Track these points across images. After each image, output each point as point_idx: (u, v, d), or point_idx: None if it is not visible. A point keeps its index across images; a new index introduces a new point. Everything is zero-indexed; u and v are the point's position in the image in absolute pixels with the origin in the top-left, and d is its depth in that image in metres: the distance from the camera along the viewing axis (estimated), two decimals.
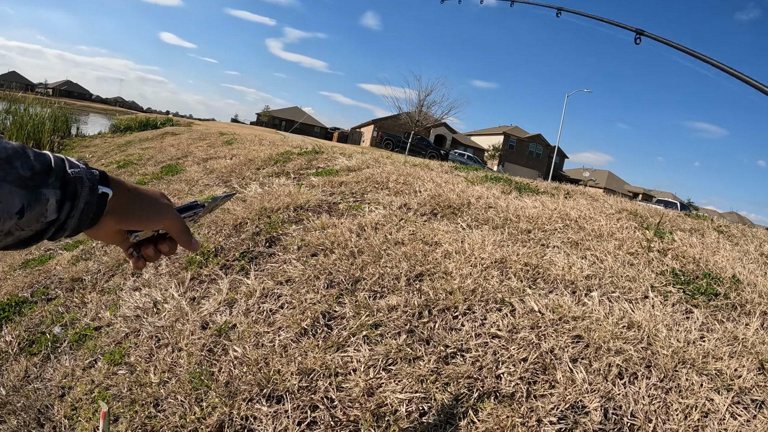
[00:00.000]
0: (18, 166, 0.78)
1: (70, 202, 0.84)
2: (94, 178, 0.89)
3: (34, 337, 2.78)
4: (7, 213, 0.75)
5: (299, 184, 4.40)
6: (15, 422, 2.12)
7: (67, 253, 3.92)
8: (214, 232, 3.45)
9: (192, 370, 2.11)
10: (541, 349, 1.99)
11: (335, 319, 2.32)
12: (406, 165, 5.54)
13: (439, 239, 2.97)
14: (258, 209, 3.68)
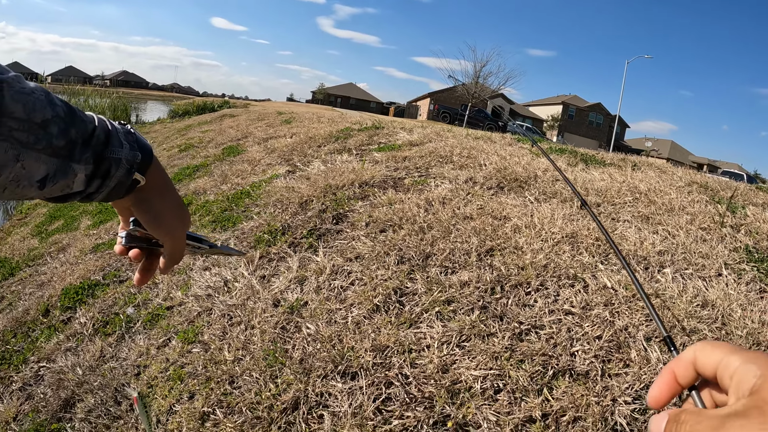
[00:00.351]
0: (53, 132, 0.73)
1: (101, 180, 0.80)
2: (134, 161, 0.84)
3: (108, 318, 2.85)
4: (27, 180, 0.71)
5: (362, 160, 4.39)
6: (92, 400, 2.17)
7: None
8: (280, 211, 3.46)
9: (266, 348, 2.12)
10: (615, 327, 1.93)
11: (407, 295, 2.30)
12: (468, 138, 5.46)
13: (508, 213, 2.91)
14: (323, 186, 3.68)
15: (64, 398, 2.26)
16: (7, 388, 2.62)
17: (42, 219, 6.50)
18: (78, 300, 3.19)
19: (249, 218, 3.52)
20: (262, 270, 2.81)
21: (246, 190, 4.23)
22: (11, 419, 2.35)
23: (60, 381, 2.40)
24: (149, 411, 1.53)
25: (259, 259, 2.93)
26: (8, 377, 2.70)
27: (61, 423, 2.15)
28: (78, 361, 2.52)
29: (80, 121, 0.78)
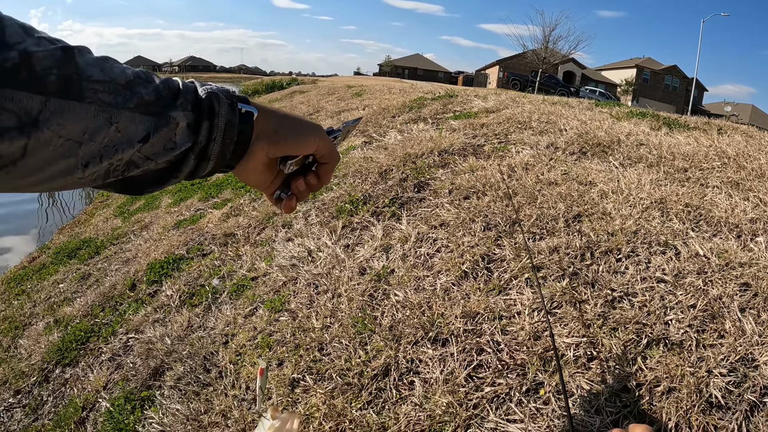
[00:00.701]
0: (141, 91, 0.66)
1: (209, 122, 0.73)
2: (231, 95, 0.77)
3: (193, 290, 2.88)
4: (127, 143, 0.64)
5: (439, 129, 4.31)
6: (182, 369, 2.19)
7: (216, 211, 4.05)
8: (359, 181, 3.42)
9: (354, 315, 2.09)
10: (708, 296, 1.80)
11: (495, 261, 2.23)
12: (545, 103, 5.34)
13: (593, 179, 2.80)
14: (401, 156, 3.62)
15: (153, 367, 2.29)
16: (96, 359, 2.68)
17: (123, 200, 6.68)
18: (163, 274, 3.24)
19: (328, 189, 3.49)
20: (346, 239, 2.78)
21: None
22: (101, 388, 2.40)
23: (149, 351, 2.43)
24: (264, 383, 1.51)
25: (342, 228, 2.90)
26: (97, 348, 2.76)
27: (151, 390, 2.17)
28: (166, 332, 2.55)
29: (164, 79, 0.72)
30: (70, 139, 0.57)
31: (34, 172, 0.55)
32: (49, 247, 5.92)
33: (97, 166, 0.62)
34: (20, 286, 4.73)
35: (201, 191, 4.99)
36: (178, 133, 0.70)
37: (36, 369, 2.86)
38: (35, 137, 0.53)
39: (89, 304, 3.34)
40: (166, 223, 4.42)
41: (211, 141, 0.73)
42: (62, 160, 0.57)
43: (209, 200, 4.58)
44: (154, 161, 0.69)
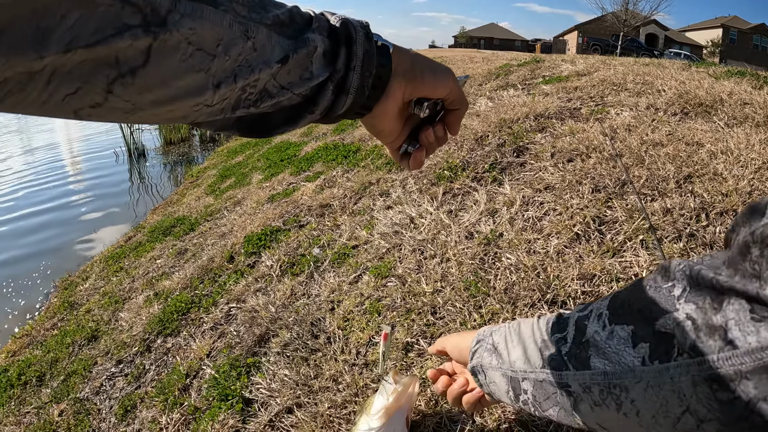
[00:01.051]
0: (274, 10, 0.60)
1: (346, 49, 0.66)
2: (365, 25, 0.69)
3: (294, 259, 2.87)
4: (264, 62, 0.57)
5: (532, 94, 4.18)
6: (288, 335, 2.17)
7: (310, 184, 4.05)
8: (455, 148, 3.34)
9: (465, 279, 2.02)
10: None
11: (607, 223, 2.12)
12: (637, 65, 5.12)
13: (700, 139, 2.65)
14: (496, 121, 3.52)
15: (258, 334, 2.29)
16: (198, 328, 2.71)
17: (213, 179, 6.82)
18: (261, 245, 3.25)
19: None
20: (448, 205, 2.71)
21: None
22: (204, 356, 2.42)
23: (252, 319, 2.43)
24: (387, 348, 1.47)
25: (443, 195, 2.83)
26: (198, 318, 2.80)
27: (257, 357, 2.17)
28: (269, 300, 2.55)
29: (294, 6, 0.65)
30: (202, 49, 0.50)
31: (156, 86, 0.48)
32: (143, 227, 6.12)
33: (230, 87, 0.55)
34: (118, 264, 4.89)
35: (291, 166, 5.01)
36: (315, 61, 0.63)
37: (137, 340, 2.93)
38: (161, 39, 0.45)
39: (188, 277, 3.40)
40: (259, 197, 4.46)
41: (350, 70, 0.66)
42: (191, 73, 0.50)
43: (301, 174, 4.59)
44: (290, 92, 0.63)
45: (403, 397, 1.33)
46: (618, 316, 0.72)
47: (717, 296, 0.59)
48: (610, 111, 3.36)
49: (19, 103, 0.41)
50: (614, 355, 0.70)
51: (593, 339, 0.74)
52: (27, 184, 11.63)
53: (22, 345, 3.99)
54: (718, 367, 0.54)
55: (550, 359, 0.83)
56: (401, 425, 1.34)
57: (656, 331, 0.64)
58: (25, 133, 22.95)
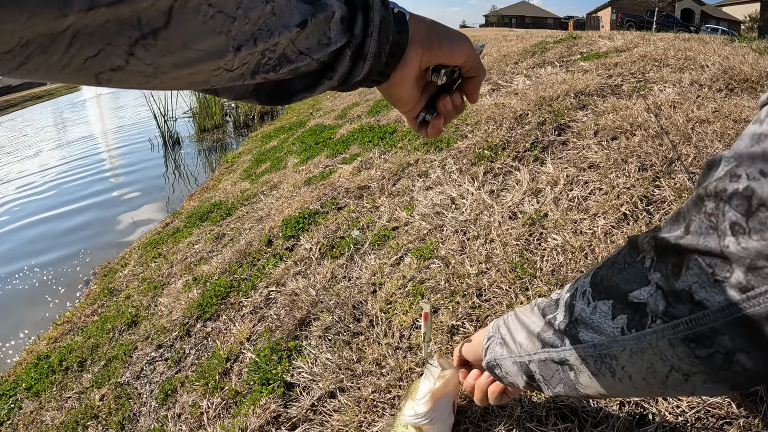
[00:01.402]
0: None
1: (363, 15, 0.66)
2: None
3: (333, 242, 2.85)
4: (284, 26, 0.57)
5: (570, 71, 4.08)
6: (330, 318, 2.16)
7: (347, 166, 4.02)
8: (494, 127, 3.27)
9: (511, 260, 1.98)
10: None
11: (655, 203, 2.05)
12: (677, 40, 4.97)
13: (747, 116, 2.56)
14: (535, 99, 3.44)
15: (299, 318, 2.27)
16: (237, 312, 2.71)
17: (248, 164, 6.83)
18: (300, 228, 3.24)
19: (462, 138, 3.37)
20: (489, 185, 2.66)
21: None
22: (245, 339, 2.42)
23: (293, 302, 2.42)
24: (429, 329, 1.44)
25: (484, 175, 2.78)
26: (238, 302, 2.79)
27: (297, 341, 2.16)
28: (309, 283, 2.53)
29: None
30: (222, 11, 0.49)
31: (177, 48, 0.48)
32: (180, 213, 6.16)
33: (250, 51, 0.55)
34: (156, 250, 4.93)
35: (327, 149, 4.99)
36: (333, 26, 0.64)
37: (177, 324, 2.94)
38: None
39: (226, 261, 3.40)
40: (296, 181, 4.44)
41: (367, 36, 0.67)
42: (212, 35, 0.50)
43: (337, 156, 4.56)
44: (309, 57, 0.63)
45: (451, 383, 1.30)
46: (599, 291, 0.76)
47: (679, 260, 0.61)
48: (653, 87, 3.27)
49: (41, 66, 0.40)
50: (598, 327, 0.74)
51: (580, 316, 0.79)
52: (64, 176, 11.85)
53: (63, 331, 4.05)
54: (692, 327, 0.59)
55: (548, 339, 0.88)
56: (448, 410, 1.31)
57: (630, 302, 0.68)
58: (61, 126, 23.37)
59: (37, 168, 13.51)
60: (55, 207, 9.28)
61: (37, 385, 3.17)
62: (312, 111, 8.95)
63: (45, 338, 4.16)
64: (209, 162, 10.72)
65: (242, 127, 13.36)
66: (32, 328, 5.17)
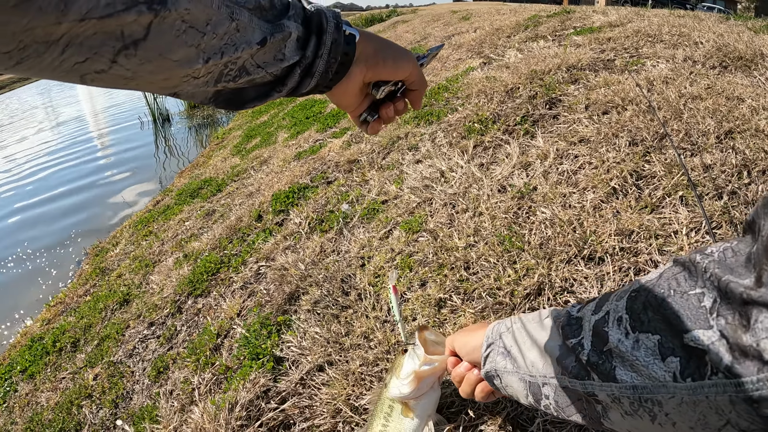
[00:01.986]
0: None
1: (316, 38, 0.73)
2: (337, 15, 0.76)
3: (322, 216, 2.84)
4: (246, 42, 0.63)
5: (563, 45, 4.06)
6: (318, 292, 2.16)
7: (336, 140, 4.00)
8: (485, 101, 3.26)
9: (499, 233, 1.98)
10: None
11: (645, 178, 2.05)
12: (672, 16, 4.94)
13: (740, 94, 2.54)
14: (526, 73, 3.42)
15: (288, 292, 2.27)
16: (228, 288, 2.72)
17: (239, 140, 6.81)
18: (289, 203, 3.23)
19: (453, 111, 3.36)
20: (479, 159, 2.65)
21: (442, 84, 4.05)
22: (235, 315, 2.43)
23: (282, 277, 2.42)
24: (399, 304, 1.43)
25: (474, 148, 2.77)
26: (228, 278, 2.80)
27: (287, 315, 2.16)
28: (299, 258, 2.53)
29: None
30: (194, 27, 0.56)
31: (154, 57, 0.53)
32: (171, 190, 6.15)
33: (216, 62, 0.61)
34: (147, 228, 4.93)
35: (317, 123, 4.97)
36: (288, 45, 0.71)
37: (168, 301, 2.95)
38: (161, 16, 0.51)
39: (217, 237, 3.40)
40: (286, 155, 4.42)
41: (317, 57, 0.75)
42: (184, 48, 0.56)
43: (327, 131, 4.54)
44: (264, 70, 0.70)
45: (437, 369, 1.29)
46: (641, 322, 0.69)
47: (746, 311, 0.56)
48: (646, 63, 3.25)
49: (35, 66, 0.46)
50: (643, 368, 0.67)
51: (617, 349, 0.71)
52: (54, 157, 11.78)
53: (56, 313, 4.05)
54: (758, 389, 0.53)
55: (570, 366, 0.81)
56: (433, 386, 1.31)
57: (686, 345, 0.61)
58: (50, 108, 23.15)
59: (24, 150, 13.40)
60: (44, 190, 9.23)
61: (31, 367, 3.19)
62: None
63: (39, 320, 4.18)
64: (199, 138, 10.67)
65: None
66: (27, 311, 5.19)
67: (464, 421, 1.38)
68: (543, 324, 0.93)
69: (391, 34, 10.28)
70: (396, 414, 1.31)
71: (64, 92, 28.35)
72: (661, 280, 0.69)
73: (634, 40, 3.81)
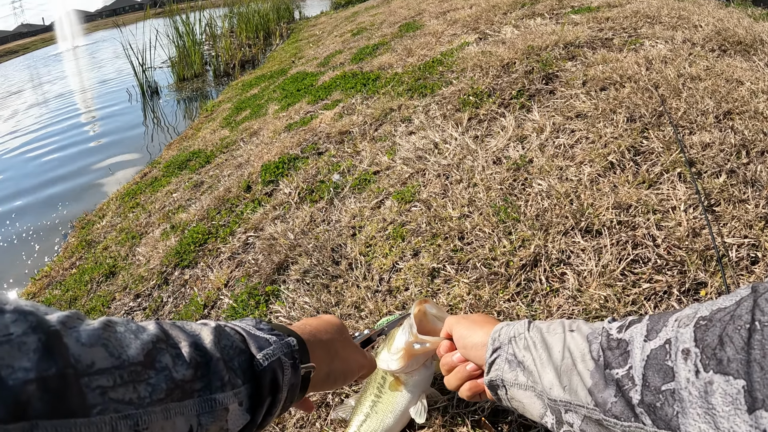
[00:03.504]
0: (167, 363, 0.52)
1: (271, 397, 0.67)
2: (293, 351, 0.71)
3: (313, 186, 2.80)
4: None
5: (561, 23, 4.02)
6: (308, 262, 2.13)
7: (328, 112, 3.95)
8: (480, 75, 3.22)
9: (494, 204, 1.95)
10: None
11: (643, 154, 2.03)
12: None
13: (740, 77, 2.52)
14: (523, 49, 3.38)
15: (276, 262, 2.24)
16: (215, 259, 2.69)
17: (228, 113, 6.72)
18: (279, 173, 3.19)
19: (447, 84, 3.32)
20: (474, 131, 2.62)
21: (437, 58, 4.01)
22: (222, 285, 2.40)
23: (271, 246, 2.38)
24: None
25: (468, 120, 2.74)
26: (216, 249, 2.76)
27: (275, 285, 2.14)
28: (288, 227, 2.49)
29: (194, 339, 0.59)
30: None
31: None
32: (159, 162, 6.08)
33: None
34: (134, 200, 4.88)
35: (309, 95, 4.91)
36: (231, 419, 0.60)
37: (155, 273, 2.91)
38: None
39: (204, 208, 3.36)
40: (276, 127, 4.37)
41: (270, 414, 0.69)
42: None
43: (318, 102, 4.48)
44: None
45: (429, 350, 1.20)
46: (717, 360, 0.56)
47: None
48: (645, 43, 3.22)
49: None
50: (722, 420, 0.54)
51: (686, 390, 0.58)
52: (42, 130, 11.61)
53: (42, 286, 4.01)
54: None
55: (609, 402, 0.68)
56: (426, 362, 1.25)
57: None
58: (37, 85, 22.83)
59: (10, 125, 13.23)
60: (30, 164, 9.10)
61: None
62: (294, 59, 8.79)
63: (24, 294, 4.13)
64: (188, 111, 10.54)
65: (222, 75, 13.11)
66: (11, 285, 5.11)
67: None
68: (569, 338, 0.79)
69: (384, 10, 10.11)
70: (389, 386, 1.28)
71: (49, 67, 28.01)
72: (741, 309, 0.57)
73: (632, 21, 3.78)
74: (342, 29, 9.82)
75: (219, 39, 15.18)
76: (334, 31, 10.21)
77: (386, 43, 5.89)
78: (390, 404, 1.26)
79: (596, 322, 0.80)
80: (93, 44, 36.08)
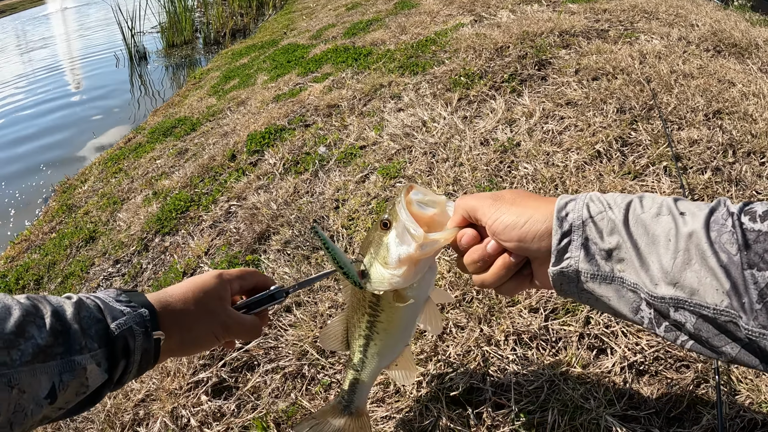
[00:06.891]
0: (33, 333, 0.64)
1: (125, 360, 0.77)
2: (144, 321, 0.80)
3: (298, 157, 2.79)
4: (34, 402, 0.61)
5: (558, 11, 4.01)
6: (289, 232, 2.13)
7: (317, 85, 3.92)
8: (473, 56, 3.21)
9: (479, 185, 1.96)
10: None
11: (630, 145, 2.06)
12: None
13: (732, 78, 2.57)
14: (518, 33, 3.37)
15: (258, 231, 2.23)
16: (197, 227, 2.66)
17: (216, 81, 6.64)
18: (265, 144, 3.16)
19: (439, 63, 3.32)
20: (463, 111, 2.62)
21: (431, 38, 3.99)
22: (203, 253, 2.39)
23: (253, 216, 2.37)
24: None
25: (458, 101, 2.74)
26: (198, 217, 2.74)
27: (256, 255, 2.13)
28: (271, 198, 2.48)
29: (53, 310, 0.71)
30: None
31: None
32: (143, 128, 5.99)
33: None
34: (117, 165, 4.82)
35: (299, 67, 4.86)
36: (90, 377, 0.71)
37: (135, 239, 2.88)
38: None
39: (188, 176, 3.33)
40: (264, 97, 4.33)
41: (127, 374, 0.79)
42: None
43: (308, 75, 4.45)
44: (67, 408, 0.73)
45: (440, 249, 0.96)
46: None
47: None
48: (640, 37, 3.23)
49: None
50: None
51: None
52: (27, 93, 11.39)
53: (21, 250, 3.96)
54: None
55: (752, 307, 0.57)
56: (429, 267, 0.98)
57: None
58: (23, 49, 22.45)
59: None
60: (13, 126, 8.94)
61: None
62: (286, 30, 8.69)
63: (2, 257, 4.07)
64: (176, 78, 10.42)
65: (213, 44, 12.94)
66: None
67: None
68: (680, 224, 0.64)
69: None
70: (386, 303, 1.00)
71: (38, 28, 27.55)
72: None
73: (630, 14, 3.79)
74: (336, 3, 9.70)
75: (211, 6, 14.89)
76: (329, 5, 10.08)
77: (380, 19, 5.83)
78: (392, 320, 1.03)
79: (704, 203, 0.66)
80: (81, 4, 35.49)
